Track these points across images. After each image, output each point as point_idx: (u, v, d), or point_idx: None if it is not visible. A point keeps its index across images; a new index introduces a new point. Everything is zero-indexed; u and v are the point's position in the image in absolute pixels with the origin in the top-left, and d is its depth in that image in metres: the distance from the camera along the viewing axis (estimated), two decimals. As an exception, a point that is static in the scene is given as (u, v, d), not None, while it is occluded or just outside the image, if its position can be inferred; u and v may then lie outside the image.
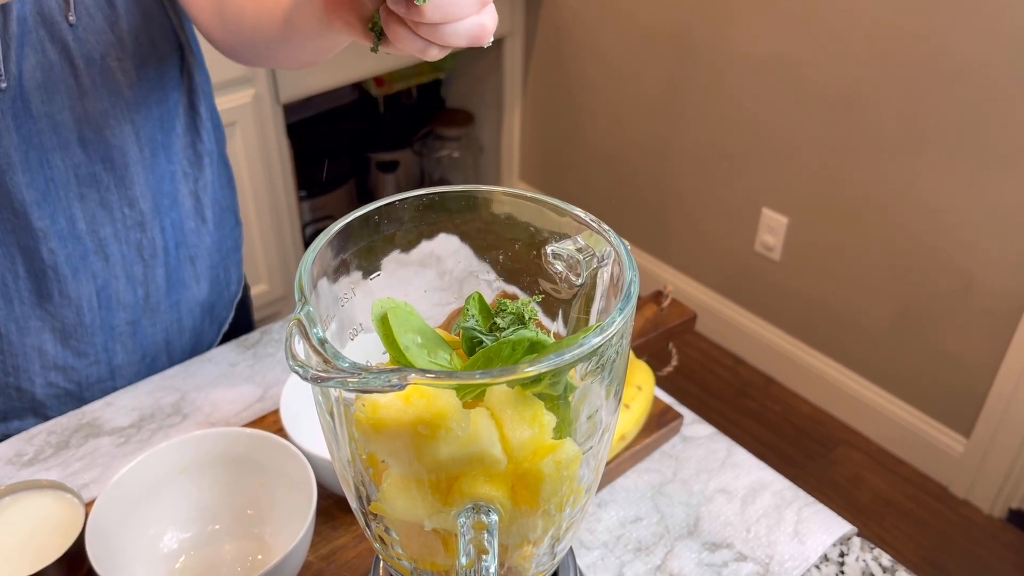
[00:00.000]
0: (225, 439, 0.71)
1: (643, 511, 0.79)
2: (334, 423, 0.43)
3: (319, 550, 0.73)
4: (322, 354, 0.37)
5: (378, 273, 0.48)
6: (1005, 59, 1.67)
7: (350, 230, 0.46)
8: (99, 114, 0.78)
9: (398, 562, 0.46)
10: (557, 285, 0.47)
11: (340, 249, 0.45)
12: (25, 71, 0.72)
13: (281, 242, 2.40)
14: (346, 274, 0.46)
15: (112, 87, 0.78)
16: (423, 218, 0.48)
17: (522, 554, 0.47)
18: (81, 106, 0.77)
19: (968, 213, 1.83)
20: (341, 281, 0.46)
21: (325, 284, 0.45)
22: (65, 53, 0.74)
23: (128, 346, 0.91)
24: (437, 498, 0.42)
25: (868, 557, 0.76)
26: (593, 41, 2.52)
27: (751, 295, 2.39)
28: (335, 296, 0.46)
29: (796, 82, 2.04)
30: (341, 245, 0.45)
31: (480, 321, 0.44)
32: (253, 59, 0.81)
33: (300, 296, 0.40)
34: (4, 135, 0.73)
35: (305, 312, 0.38)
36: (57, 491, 0.69)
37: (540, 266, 0.48)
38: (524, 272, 0.49)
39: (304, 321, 0.38)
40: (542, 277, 0.49)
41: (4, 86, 0.71)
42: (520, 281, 0.50)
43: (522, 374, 0.37)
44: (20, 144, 0.74)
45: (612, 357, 0.40)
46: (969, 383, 1.97)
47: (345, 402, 0.41)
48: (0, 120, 0.72)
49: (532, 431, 0.41)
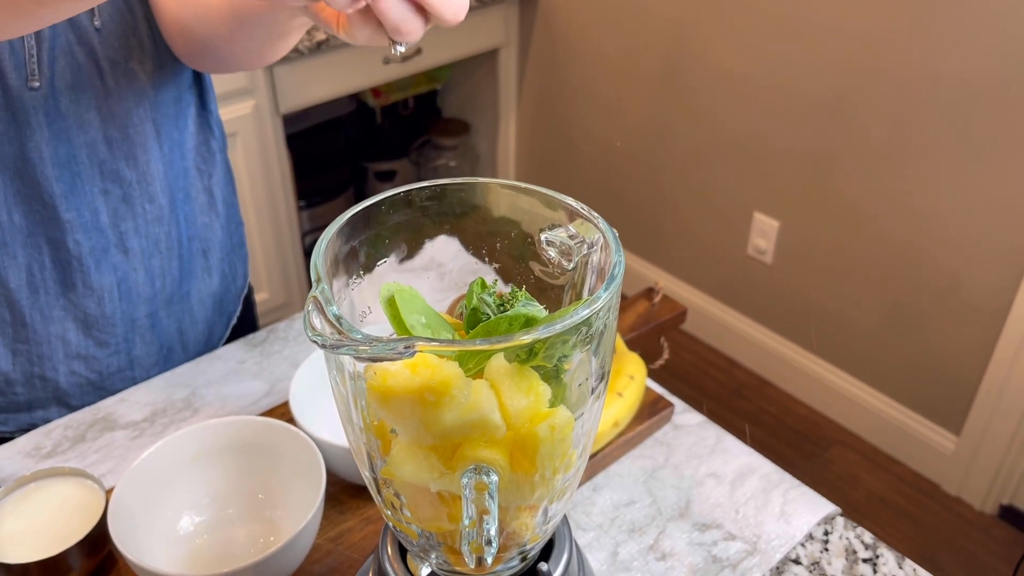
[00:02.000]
0: (237, 427, 0.75)
1: (636, 495, 0.83)
2: (348, 397, 0.46)
3: (327, 533, 0.76)
4: (336, 327, 0.40)
5: (384, 260, 0.52)
6: (988, 66, 1.72)
7: (359, 219, 0.49)
8: (123, 113, 0.83)
9: (407, 526, 0.50)
10: (550, 269, 0.51)
11: (350, 237, 0.49)
12: (56, 72, 0.77)
13: (281, 251, 2.44)
14: (355, 260, 0.50)
15: (135, 88, 0.83)
16: (426, 209, 0.52)
17: (520, 518, 0.51)
18: (106, 106, 0.81)
19: (953, 214, 1.88)
20: (351, 266, 0.50)
21: (337, 268, 0.48)
22: (91, 56, 0.78)
23: (146, 337, 0.95)
24: (442, 463, 0.46)
25: (851, 535, 0.80)
26: (586, 50, 2.56)
27: (745, 298, 2.43)
28: (346, 281, 0.50)
29: (785, 88, 2.09)
30: (351, 233, 0.49)
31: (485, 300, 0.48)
32: (212, 63, 0.85)
33: (316, 276, 0.44)
34: (37, 131, 0.77)
35: (320, 290, 0.42)
36: (79, 478, 0.73)
37: (534, 252, 0.52)
38: (519, 258, 0.53)
39: (320, 298, 0.42)
40: (536, 262, 0.53)
41: (37, 86, 0.76)
42: (515, 267, 0.54)
43: (517, 341, 0.41)
44: (51, 140, 0.78)
45: (600, 329, 0.44)
46: (959, 381, 2.01)
47: (358, 376, 0.45)
48: (33, 117, 0.77)
49: (528, 400, 0.45)
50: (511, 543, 0.52)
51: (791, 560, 0.77)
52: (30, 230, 0.83)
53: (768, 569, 0.76)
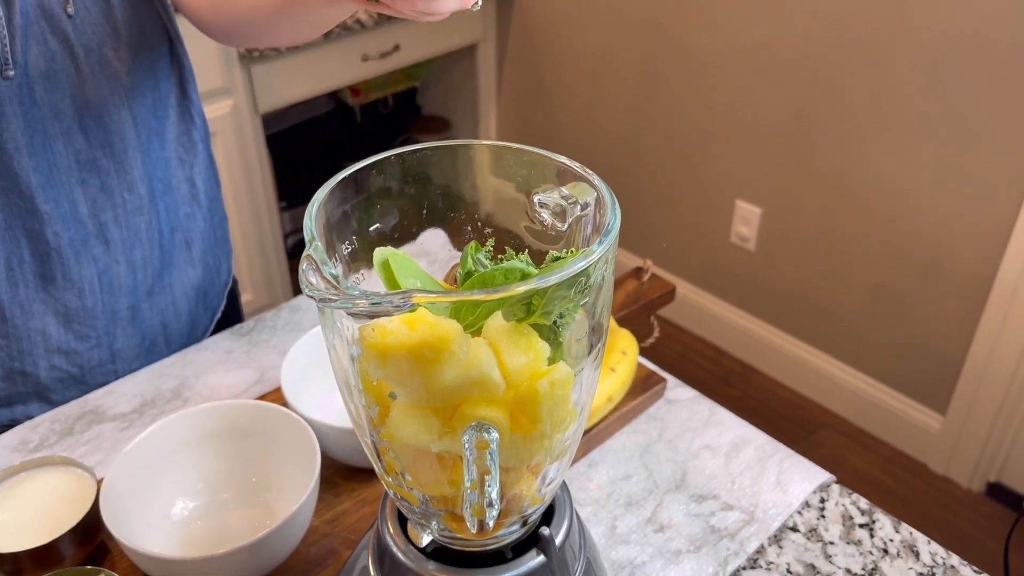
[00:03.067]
0: (229, 411, 0.74)
1: (632, 469, 0.83)
2: (345, 360, 0.46)
3: (323, 515, 0.75)
4: (333, 284, 0.40)
5: (377, 225, 0.51)
6: (966, 45, 1.73)
7: (350, 183, 0.49)
8: (98, 101, 0.81)
9: (408, 491, 0.50)
10: (544, 230, 0.51)
11: (341, 201, 0.49)
12: (29, 60, 0.75)
13: (264, 252, 2.43)
14: (347, 225, 0.50)
15: (110, 75, 0.81)
16: (415, 172, 0.52)
17: (520, 481, 0.50)
18: (81, 94, 0.80)
19: (933, 196, 1.89)
20: (343, 232, 0.50)
21: (330, 234, 0.48)
22: (65, 43, 0.77)
23: (128, 330, 0.94)
24: (441, 424, 0.45)
25: (847, 502, 0.80)
26: (564, 42, 2.57)
27: (729, 286, 2.44)
28: (338, 247, 0.50)
29: (765, 75, 2.10)
30: (342, 197, 0.49)
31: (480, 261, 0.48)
32: (245, 39, 0.85)
33: (309, 236, 0.43)
34: (12, 121, 0.76)
35: (314, 248, 0.42)
36: (69, 467, 0.72)
37: (526, 215, 0.52)
38: (511, 222, 0.53)
39: (315, 256, 0.41)
40: (528, 225, 0.52)
41: (11, 74, 0.74)
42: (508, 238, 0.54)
43: (515, 291, 0.40)
44: (26, 130, 0.77)
45: (598, 281, 0.44)
46: (943, 361, 2.03)
47: (355, 342, 0.44)
48: (8, 106, 0.75)
49: (528, 357, 0.45)
50: (512, 508, 0.52)
51: (789, 528, 0.77)
52: (8, 223, 0.81)
53: (766, 537, 0.76)
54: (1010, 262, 1.81)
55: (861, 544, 0.76)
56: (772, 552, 0.75)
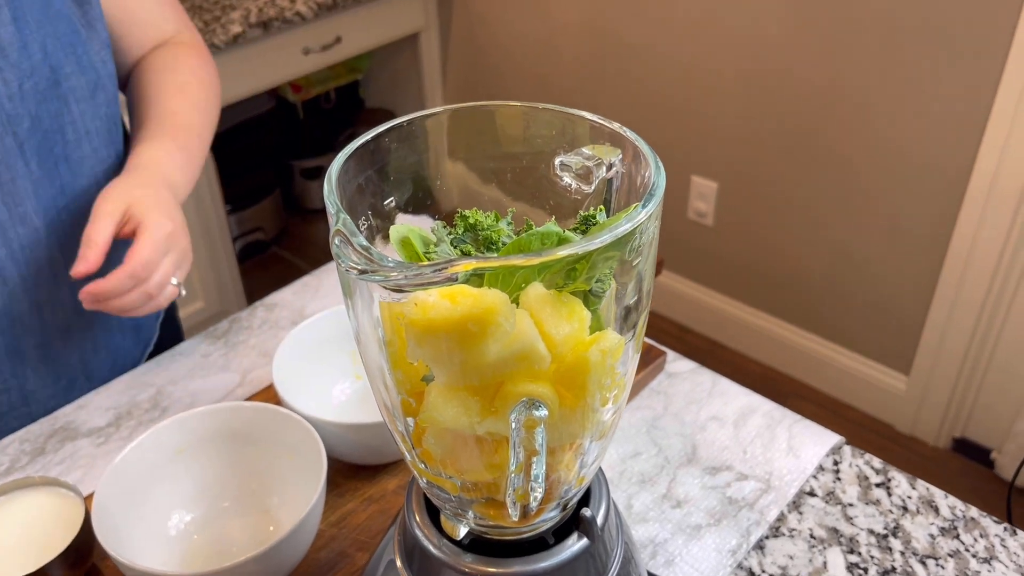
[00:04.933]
0: (223, 415, 0.70)
1: (641, 446, 0.81)
2: (375, 342, 0.43)
3: (328, 517, 0.72)
4: (367, 256, 0.36)
5: (391, 199, 0.48)
6: (917, 17, 1.75)
7: (364, 153, 0.45)
8: None
9: (446, 479, 0.46)
10: (568, 192, 0.48)
11: (355, 173, 0.45)
12: None
13: (214, 257, 2.35)
14: (362, 198, 0.46)
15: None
16: (430, 140, 0.49)
17: (563, 461, 0.47)
18: None
19: (888, 159, 1.91)
20: (359, 207, 0.46)
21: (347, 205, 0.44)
22: None
23: (40, 371, 0.87)
24: (482, 404, 0.42)
25: (860, 462, 0.79)
26: (509, 29, 2.54)
27: (689, 263, 2.45)
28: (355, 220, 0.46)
29: (714, 52, 2.10)
30: (356, 169, 0.45)
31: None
32: None
33: (335, 209, 0.40)
34: None
35: (343, 221, 0.38)
36: (51, 487, 0.67)
37: (549, 180, 0.49)
38: (533, 188, 0.50)
39: (344, 230, 0.37)
40: (551, 192, 0.49)
41: None
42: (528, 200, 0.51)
43: (565, 254, 0.37)
44: None
45: (648, 240, 0.41)
46: (904, 322, 2.05)
47: (387, 320, 0.41)
48: None
49: (572, 327, 0.42)
50: (552, 494, 0.49)
51: (806, 493, 0.76)
52: None
53: (785, 505, 0.74)
54: (965, 219, 1.84)
55: (880, 504, 0.75)
56: (793, 519, 0.74)
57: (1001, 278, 1.85)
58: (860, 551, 0.70)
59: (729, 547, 0.71)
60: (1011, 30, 1.64)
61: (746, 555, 0.70)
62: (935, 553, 0.70)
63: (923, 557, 0.70)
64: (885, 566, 0.69)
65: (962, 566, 0.69)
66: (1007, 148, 1.73)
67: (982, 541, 0.71)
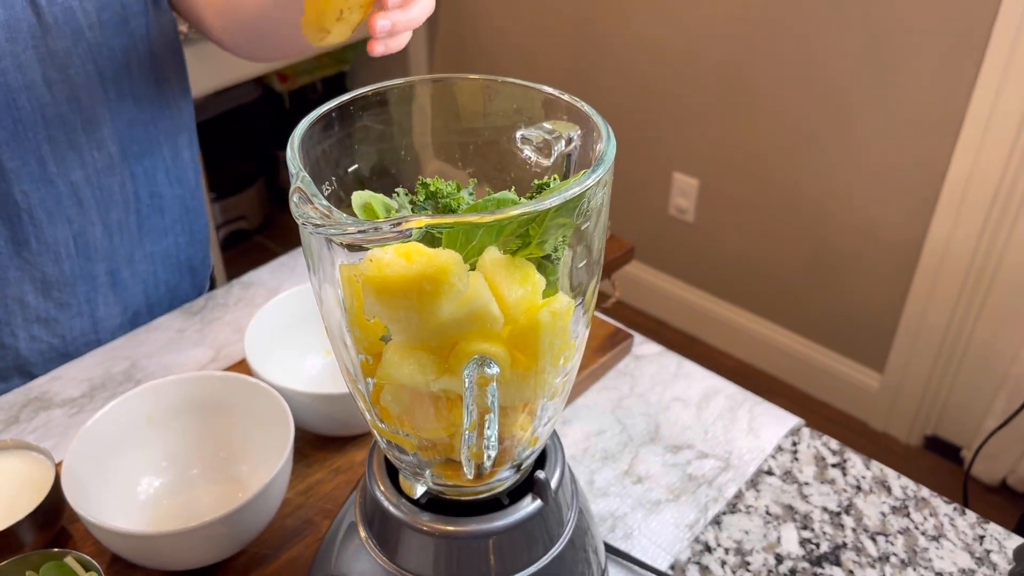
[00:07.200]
0: (192, 384, 0.71)
1: (605, 424, 0.82)
2: (335, 301, 0.44)
3: (296, 487, 0.73)
4: (325, 213, 0.38)
5: (355, 165, 0.49)
6: (894, 18, 1.78)
7: (329, 119, 0.47)
8: (62, 53, 0.77)
9: (404, 437, 0.48)
10: (528, 165, 0.50)
11: (320, 139, 0.47)
12: None
13: (196, 243, 2.35)
14: (326, 164, 0.48)
15: (74, 27, 0.77)
16: (393, 110, 0.50)
17: (518, 422, 0.49)
18: (44, 45, 0.76)
19: (864, 161, 1.94)
20: (322, 171, 0.47)
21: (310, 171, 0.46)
22: None
23: (109, 298, 0.91)
24: (438, 362, 0.44)
25: (818, 443, 0.81)
26: (496, 21, 2.55)
27: (669, 258, 2.47)
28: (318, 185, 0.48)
29: (696, 50, 2.12)
30: (321, 135, 0.47)
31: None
32: (257, 49, 0.84)
33: (296, 168, 0.41)
34: None
35: (301, 179, 0.40)
36: (23, 450, 0.68)
37: (511, 152, 0.51)
38: (496, 161, 0.52)
39: (303, 188, 0.39)
40: (513, 165, 0.51)
41: None
42: (490, 173, 0.52)
43: (517, 213, 0.39)
44: None
45: (597, 206, 0.43)
46: (879, 320, 2.08)
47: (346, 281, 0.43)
48: None
49: (525, 290, 0.44)
50: (507, 452, 0.51)
51: (764, 472, 0.78)
52: None
53: (743, 482, 0.76)
54: (939, 219, 1.87)
55: (835, 483, 0.77)
56: (750, 496, 0.76)
57: (974, 278, 1.88)
58: (813, 527, 0.73)
59: (687, 522, 0.73)
60: (987, 32, 1.67)
61: (703, 530, 0.72)
62: (885, 530, 0.72)
63: (873, 534, 0.72)
64: (836, 542, 0.71)
65: (911, 543, 0.71)
66: (981, 149, 1.76)
67: (932, 520, 0.74)
